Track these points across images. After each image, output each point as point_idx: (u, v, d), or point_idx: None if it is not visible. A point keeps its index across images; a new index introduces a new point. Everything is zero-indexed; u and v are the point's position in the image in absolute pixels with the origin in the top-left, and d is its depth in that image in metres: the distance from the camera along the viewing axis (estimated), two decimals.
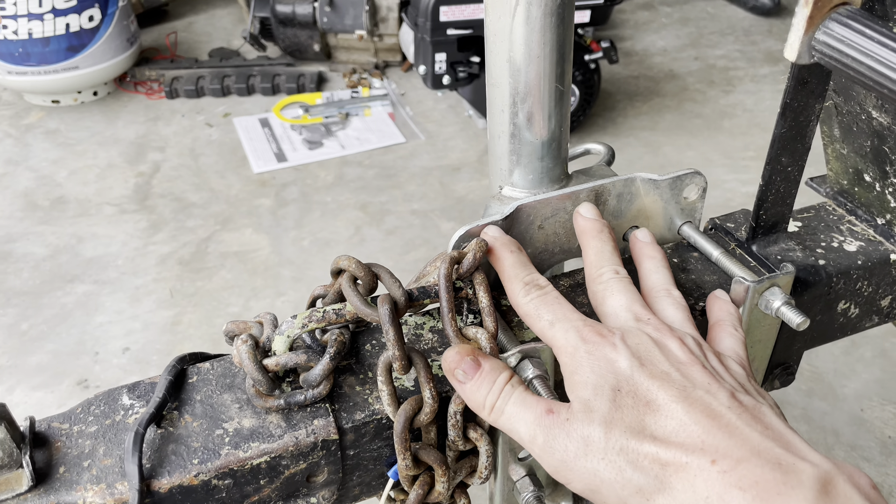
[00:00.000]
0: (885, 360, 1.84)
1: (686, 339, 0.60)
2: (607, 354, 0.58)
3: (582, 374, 0.58)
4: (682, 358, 0.58)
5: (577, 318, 0.62)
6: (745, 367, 0.61)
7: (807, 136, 0.73)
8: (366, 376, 0.69)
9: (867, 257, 0.82)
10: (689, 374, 0.56)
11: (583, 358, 0.58)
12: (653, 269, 0.70)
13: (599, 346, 0.58)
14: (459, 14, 2.42)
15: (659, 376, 0.55)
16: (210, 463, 0.61)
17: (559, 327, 0.61)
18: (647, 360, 0.57)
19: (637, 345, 0.58)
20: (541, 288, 0.65)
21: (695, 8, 3.94)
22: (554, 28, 0.73)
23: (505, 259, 0.68)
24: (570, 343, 0.60)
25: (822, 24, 0.49)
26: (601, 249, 0.69)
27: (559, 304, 0.63)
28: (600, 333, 0.59)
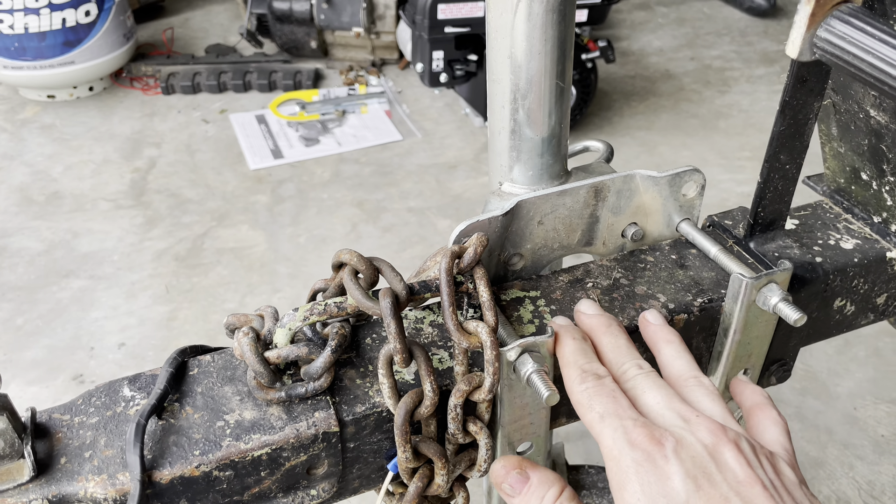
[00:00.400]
0: (878, 359, 1.85)
1: (741, 442, 0.56)
2: (659, 469, 0.54)
3: (631, 493, 0.54)
4: (740, 475, 0.53)
5: (628, 416, 0.58)
6: (795, 469, 0.57)
7: (805, 135, 0.73)
8: (366, 369, 0.70)
9: (863, 255, 0.82)
10: (748, 497, 0.52)
11: (629, 468, 0.54)
12: (674, 354, 0.67)
13: (650, 457, 0.54)
14: (457, 12, 2.42)
15: (718, 501, 0.52)
16: (211, 454, 0.62)
17: (608, 423, 0.58)
18: (704, 480, 0.53)
19: (692, 458, 0.54)
20: (598, 378, 0.62)
21: (691, 8, 3.96)
22: (555, 25, 0.74)
23: (566, 345, 0.66)
24: (617, 446, 0.56)
25: (823, 21, 0.49)
26: (616, 345, 0.66)
27: (613, 399, 0.59)
28: (652, 438, 0.55)
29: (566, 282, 0.79)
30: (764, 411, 0.64)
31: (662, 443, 0.54)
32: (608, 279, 0.79)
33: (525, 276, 0.81)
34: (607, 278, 0.79)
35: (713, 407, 0.60)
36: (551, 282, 0.79)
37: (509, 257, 0.79)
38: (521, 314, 0.75)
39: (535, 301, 0.77)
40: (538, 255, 0.81)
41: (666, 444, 0.54)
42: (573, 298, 0.77)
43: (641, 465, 0.54)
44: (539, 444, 0.74)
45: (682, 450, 0.54)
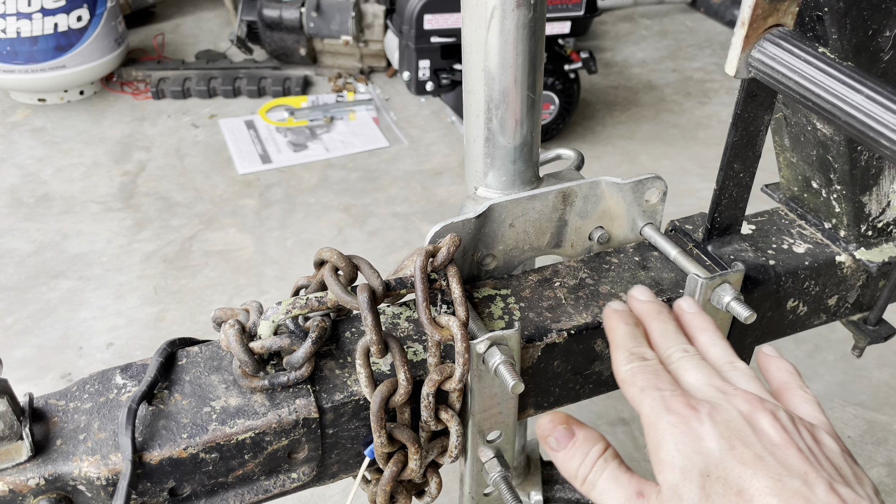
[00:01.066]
0: (846, 363, 1.92)
1: (778, 412, 0.56)
2: (693, 431, 0.55)
3: (667, 451, 0.55)
4: (775, 439, 0.54)
5: (667, 387, 0.60)
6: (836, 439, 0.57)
7: (757, 145, 0.79)
8: (345, 361, 0.74)
9: (814, 259, 0.88)
10: (784, 459, 0.52)
11: (665, 430, 0.56)
12: (710, 342, 0.68)
13: (685, 418, 0.56)
14: (443, 22, 2.48)
15: (752, 462, 0.52)
16: (198, 437, 0.66)
17: (647, 394, 0.60)
18: (739, 440, 0.54)
19: (727, 421, 0.55)
20: (644, 360, 0.64)
21: (674, 21, 4.04)
22: (526, 40, 0.79)
23: (617, 329, 0.69)
24: (654, 412, 0.58)
25: (757, 43, 0.54)
26: (665, 330, 0.68)
27: (655, 375, 0.62)
28: (688, 404, 0.57)
29: (535, 281, 0.84)
30: (792, 390, 0.64)
31: (698, 408, 0.56)
32: (575, 279, 0.84)
33: (497, 275, 0.86)
34: (574, 278, 0.84)
35: (750, 385, 0.61)
36: (521, 281, 0.84)
37: (482, 257, 0.84)
38: (493, 310, 0.80)
39: (505, 299, 0.81)
40: (510, 256, 0.86)
41: (701, 410, 0.56)
42: (541, 297, 0.81)
43: (676, 427, 0.56)
44: (508, 434, 0.79)
45: (718, 414, 0.56)
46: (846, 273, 0.90)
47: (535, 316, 0.79)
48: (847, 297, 0.93)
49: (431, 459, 0.77)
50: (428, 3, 2.45)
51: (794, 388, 0.64)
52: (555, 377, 0.80)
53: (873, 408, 1.81)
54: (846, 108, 0.48)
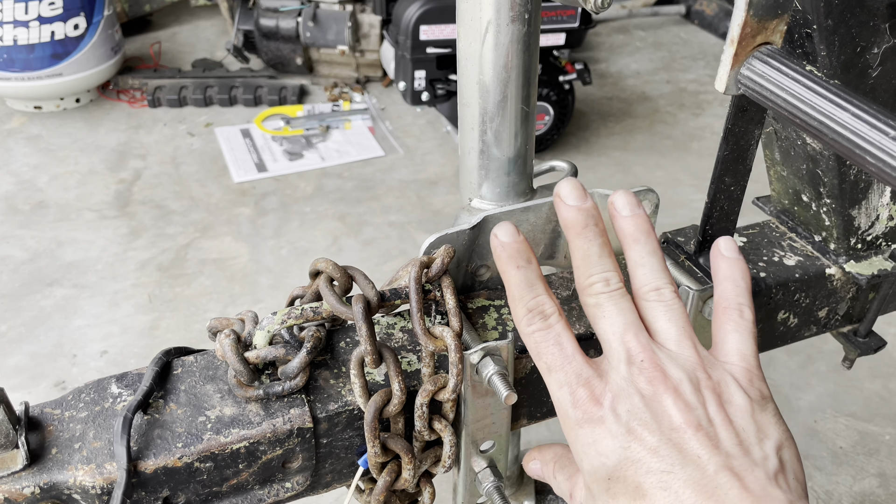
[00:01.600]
0: (838, 374, 1.93)
1: (682, 385, 0.55)
2: (596, 430, 0.56)
3: (577, 454, 0.57)
4: (675, 421, 0.53)
5: (572, 369, 0.58)
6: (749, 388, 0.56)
7: (747, 159, 0.80)
8: (340, 371, 0.75)
9: (804, 271, 0.89)
10: (679, 444, 0.52)
11: (573, 430, 0.57)
12: (638, 259, 0.63)
13: (589, 417, 0.56)
14: (439, 33, 2.50)
15: (646, 456, 0.53)
16: (193, 447, 0.66)
17: (555, 377, 0.59)
18: (636, 437, 0.54)
19: (628, 411, 0.55)
20: (545, 318, 0.60)
21: (668, 33, 4.07)
22: (520, 54, 0.80)
23: (510, 276, 0.63)
24: (562, 404, 0.58)
25: (746, 61, 0.56)
26: (587, 252, 0.62)
27: (560, 346, 0.59)
28: (591, 397, 0.57)
29: None
30: (727, 314, 0.61)
31: (601, 401, 0.56)
32: (568, 290, 0.85)
33: (491, 286, 0.87)
34: (567, 289, 0.85)
35: (669, 328, 0.59)
36: None
37: (476, 268, 0.85)
38: (486, 321, 0.81)
39: (499, 309, 0.82)
40: None
41: (604, 402, 0.56)
42: None
43: (582, 427, 0.56)
44: (501, 443, 0.79)
45: (619, 404, 0.55)
46: (836, 285, 0.91)
47: None
48: (837, 309, 0.94)
49: (425, 469, 0.78)
50: (424, 15, 2.46)
51: (731, 311, 0.61)
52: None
53: (865, 418, 1.82)
54: (833, 126, 0.49)
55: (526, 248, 0.64)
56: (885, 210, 0.88)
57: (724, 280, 0.64)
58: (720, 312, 0.62)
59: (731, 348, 0.59)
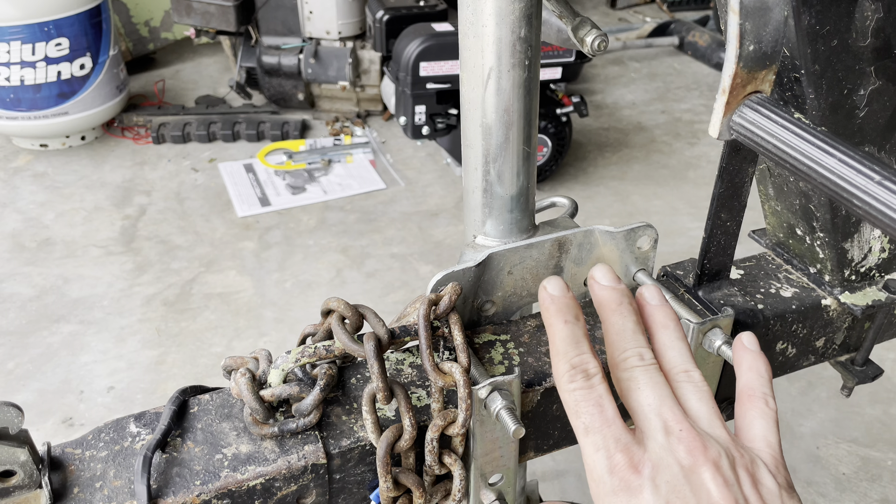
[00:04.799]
0: (839, 400, 1.94)
1: (720, 461, 0.56)
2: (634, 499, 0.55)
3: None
4: (714, 496, 0.54)
5: (611, 433, 0.58)
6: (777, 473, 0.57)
7: (742, 195, 0.83)
8: (351, 407, 0.77)
9: (801, 302, 0.91)
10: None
11: (607, 497, 0.56)
12: (668, 343, 0.64)
13: (627, 486, 0.56)
14: (438, 69, 2.55)
15: None
16: (210, 484, 0.68)
17: (591, 439, 0.58)
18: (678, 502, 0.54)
19: (667, 482, 0.55)
20: (588, 378, 0.61)
21: (662, 64, 4.14)
22: (521, 98, 0.83)
23: (557, 329, 0.64)
24: (597, 469, 0.57)
25: (737, 108, 0.59)
26: (623, 328, 0.63)
27: (600, 408, 0.59)
28: (630, 465, 0.56)
29: (534, 326, 0.87)
30: (752, 402, 0.62)
31: (640, 470, 0.56)
32: None
33: (496, 320, 0.89)
34: None
35: (700, 407, 0.60)
36: (520, 326, 0.87)
37: (482, 304, 0.88)
38: (493, 356, 0.83)
39: (505, 344, 0.84)
40: (508, 302, 0.89)
41: (643, 472, 0.56)
42: (540, 342, 0.84)
43: (618, 495, 0.56)
44: (509, 476, 0.81)
45: (659, 475, 0.55)
46: (832, 316, 0.93)
47: (535, 361, 0.82)
48: (834, 338, 0.96)
49: (435, 503, 0.79)
50: (423, 52, 2.52)
51: (756, 399, 0.62)
52: (554, 420, 0.82)
53: (867, 444, 1.83)
54: (820, 171, 0.52)
55: (575, 305, 0.65)
56: (878, 242, 0.91)
57: (749, 371, 0.65)
58: (745, 400, 0.63)
59: (756, 434, 0.61)
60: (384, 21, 2.91)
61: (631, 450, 0.57)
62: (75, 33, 2.92)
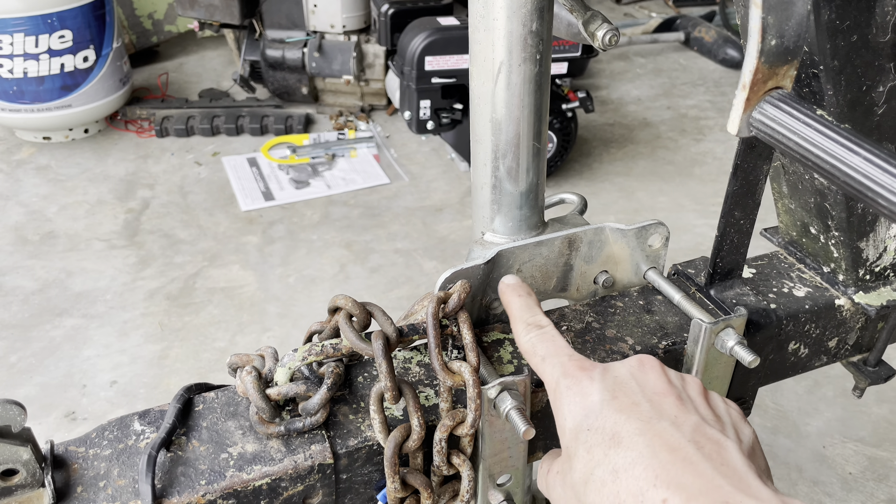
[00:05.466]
0: (846, 399, 1.93)
1: (669, 371, 0.62)
2: (583, 388, 0.60)
3: (562, 416, 0.61)
4: (657, 387, 0.59)
5: (566, 354, 0.65)
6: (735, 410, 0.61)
7: (756, 193, 0.81)
8: (359, 406, 0.76)
9: (814, 302, 0.90)
10: (660, 404, 0.57)
11: (562, 395, 0.61)
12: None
13: (578, 380, 0.61)
14: (444, 64, 2.53)
15: (627, 408, 0.57)
16: (216, 484, 0.67)
17: (548, 363, 0.65)
18: (621, 391, 0.59)
19: (615, 378, 0.60)
20: (541, 328, 0.69)
21: (668, 59, 4.12)
22: (532, 93, 0.82)
23: (513, 302, 0.74)
24: (554, 378, 0.63)
25: (757, 105, 0.57)
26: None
27: (553, 342, 0.67)
28: (581, 367, 0.62)
29: None
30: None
31: (590, 371, 0.62)
32: (581, 323, 0.86)
33: (505, 319, 0.88)
34: (580, 322, 0.86)
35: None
36: None
37: (491, 302, 0.86)
38: (501, 355, 0.82)
39: (514, 343, 0.83)
40: None
41: (593, 372, 0.62)
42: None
43: (570, 389, 0.61)
44: (518, 477, 0.80)
45: (608, 374, 0.61)
46: (845, 316, 0.92)
47: None
48: (847, 339, 0.95)
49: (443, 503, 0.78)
50: (429, 46, 2.50)
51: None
52: None
53: (873, 444, 1.82)
54: (844, 169, 0.51)
55: (527, 286, 0.77)
56: (893, 242, 0.89)
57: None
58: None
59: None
60: (389, 15, 2.89)
61: (583, 361, 0.64)
62: (78, 25, 2.91)
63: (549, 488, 0.63)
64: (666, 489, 0.50)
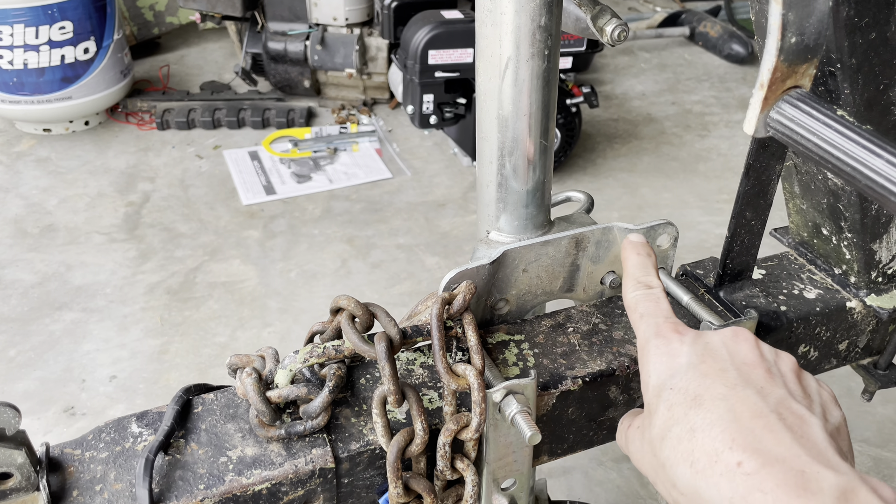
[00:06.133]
0: (851, 399, 1.91)
1: (761, 344, 0.61)
2: (672, 349, 0.61)
3: (647, 373, 0.62)
4: (747, 358, 0.59)
5: (663, 314, 0.66)
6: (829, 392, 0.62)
7: (768, 193, 0.80)
8: (361, 409, 0.74)
9: (825, 304, 0.88)
10: (747, 373, 0.57)
11: (650, 353, 0.62)
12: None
13: (668, 340, 0.62)
14: (447, 58, 2.51)
15: (713, 374, 0.57)
16: (215, 488, 0.66)
17: (645, 320, 0.66)
18: (710, 357, 0.59)
19: (706, 345, 0.60)
20: (649, 288, 0.70)
21: (672, 54, 4.09)
22: (540, 90, 0.80)
23: (630, 259, 0.75)
24: (646, 336, 0.64)
25: (775, 104, 0.55)
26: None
27: (656, 303, 0.68)
28: (675, 329, 0.63)
29: (549, 326, 0.84)
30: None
31: (684, 333, 0.62)
32: (588, 324, 0.84)
33: (510, 319, 0.86)
34: (587, 323, 0.84)
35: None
36: (535, 326, 0.84)
37: (496, 302, 0.85)
38: (507, 357, 0.80)
39: (519, 344, 0.82)
40: (523, 301, 0.86)
41: (685, 336, 0.62)
42: (555, 342, 0.82)
43: (660, 348, 0.62)
44: (522, 481, 0.79)
45: (699, 340, 0.61)
46: (857, 319, 0.90)
47: (550, 362, 0.79)
48: (857, 342, 0.93)
49: None
50: (432, 40, 2.48)
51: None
52: (569, 424, 0.80)
53: (878, 444, 1.81)
54: (866, 172, 0.49)
55: (649, 247, 0.77)
56: None
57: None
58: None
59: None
60: (392, 8, 2.86)
61: (678, 325, 0.64)
62: (79, 16, 2.89)
63: (628, 442, 0.65)
64: (742, 452, 0.50)
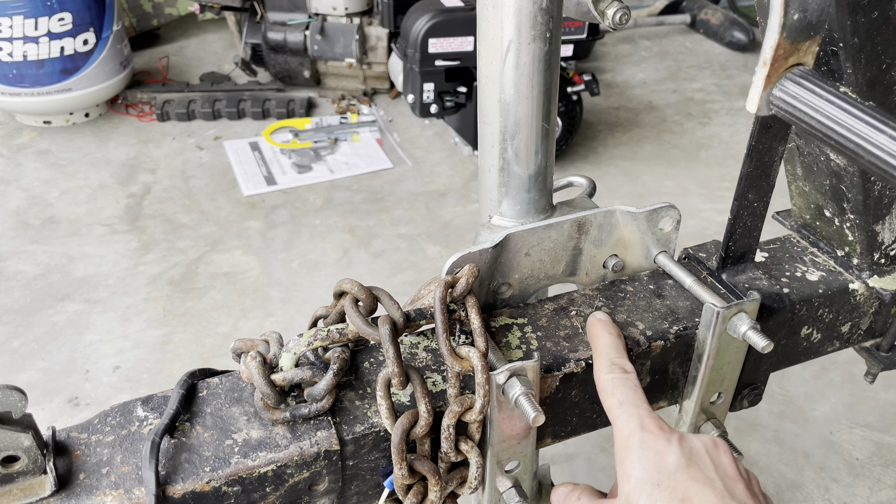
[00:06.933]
0: (853, 384, 1.92)
1: (740, 462, 0.65)
2: (660, 448, 0.62)
3: (629, 464, 0.63)
4: (729, 471, 0.62)
5: (645, 408, 0.66)
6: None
7: (771, 175, 0.80)
8: (365, 392, 0.74)
9: (828, 286, 0.88)
10: (731, 487, 0.60)
11: (634, 446, 0.63)
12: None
13: (656, 437, 0.63)
14: (448, 46, 2.50)
15: (702, 480, 0.60)
16: (221, 471, 0.66)
17: (625, 409, 0.66)
18: (695, 463, 0.61)
19: (692, 448, 0.63)
20: (625, 372, 0.70)
21: (673, 42, 4.07)
22: (541, 73, 0.80)
23: (601, 337, 0.75)
24: (629, 428, 0.65)
25: (778, 82, 0.55)
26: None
27: (634, 390, 0.68)
28: (661, 427, 0.65)
29: (551, 310, 0.85)
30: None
31: (669, 434, 0.63)
32: (591, 307, 0.84)
33: (513, 303, 0.87)
34: (590, 307, 0.85)
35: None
36: (537, 310, 0.85)
37: (498, 286, 0.85)
38: (510, 340, 0.80)
39: (522, 328, 0.82)
40: (525, 285, 0.86)
41: (672, 436, 0.63)
42: (558, 325, 0.82)
43: (647, 443, 0.63)
44: (526, 463, 0.79)
45: (685, 442, 0.63)
46: (859, 300, 0.90)
47: (553, 345, 0.79)
48: (860, 323, 0.93)
49: (451, 490, 0.77)
50: (432, 28, 2.47)
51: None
52: (572, 406, 0.80)
53: (881, 429, 1.81)
54: (870, 148, 0.49)
55: (617, 327, 0.77)
56: None
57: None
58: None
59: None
60: None
61: (661, 422, 0.65)
62: (78, 8, 2.88)
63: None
64: None
